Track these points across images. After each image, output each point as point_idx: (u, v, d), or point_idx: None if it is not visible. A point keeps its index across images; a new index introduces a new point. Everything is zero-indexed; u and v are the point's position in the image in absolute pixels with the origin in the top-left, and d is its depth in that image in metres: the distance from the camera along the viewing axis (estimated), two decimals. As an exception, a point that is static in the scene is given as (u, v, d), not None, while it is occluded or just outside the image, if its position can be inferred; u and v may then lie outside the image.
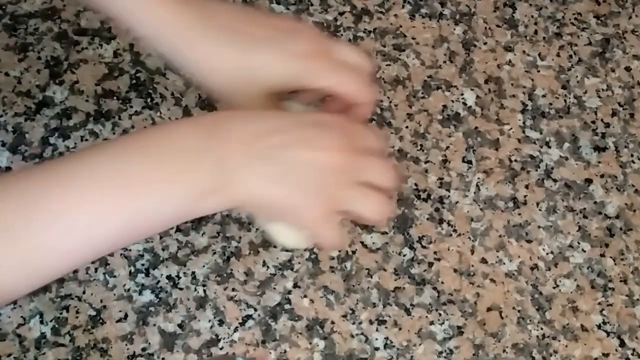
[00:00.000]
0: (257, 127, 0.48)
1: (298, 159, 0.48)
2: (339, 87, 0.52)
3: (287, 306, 0.65)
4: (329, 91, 0.52)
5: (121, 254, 0.65)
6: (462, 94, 0.77)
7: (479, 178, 0.73)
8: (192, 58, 0.51)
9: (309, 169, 0.48)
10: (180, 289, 0.65)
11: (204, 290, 0.65)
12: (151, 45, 0.53)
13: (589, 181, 0.75)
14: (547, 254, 0.71)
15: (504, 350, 0.66)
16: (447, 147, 0.74)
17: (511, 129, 0.76)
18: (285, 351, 0.64)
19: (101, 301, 0.63)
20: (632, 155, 0.77)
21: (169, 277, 0.65)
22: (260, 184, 0.48)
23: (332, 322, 0.65)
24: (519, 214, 0.72)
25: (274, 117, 0.49)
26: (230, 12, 0.52)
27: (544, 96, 0.78)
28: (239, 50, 0.51)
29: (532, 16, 0.83)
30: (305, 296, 0.66)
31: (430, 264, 0.69)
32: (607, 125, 0.78)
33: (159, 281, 0.65)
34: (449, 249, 0.70)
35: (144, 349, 0.62)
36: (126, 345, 0.62)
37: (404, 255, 0.69)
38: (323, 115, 0.51)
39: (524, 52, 0.81)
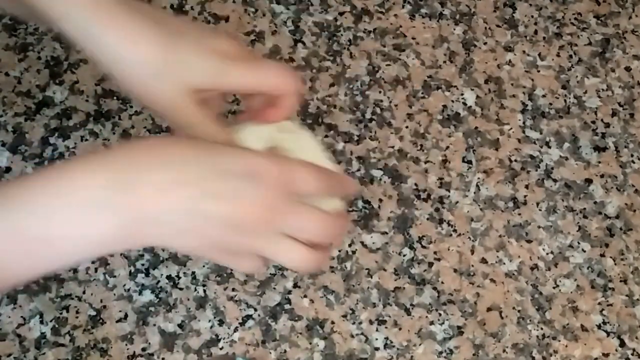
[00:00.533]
0: (168, 177, 0.45)
1: (208, 213, 0.46)
2: (263, 82, 0.50)
3: (287, 306, 0.65)
4: (253, 89, 0.51)
5: (121, 254, 0.65)
6: (462, 94, 0.77)
7: (479, 178, 0.73)
8: (117, 49, 0.50)
9: (218, 223, 0.46)
10: (180, 289, 0.65)
11: (204, 290, 0.65)
12: (75, 42, 0.50)
13: (589, 181, 0.75)
14: (547, 254, 0.71)
15: (504, 350, 0.66)
16: (447, 147, 0.74)
17: (511, 129, 0.76)
18: (285, 351, 0.64)
19: (101, 301, 0.63)
20: (632, 155, 0.77)
21: (169, 277, 0.65)
22: (165, 238, 0.46)
23: (332, 322, 0.65)
24: (519, 214, 0.72)
25: (193, 163, 0.47)
26: (156, 10, 0.51)
27: (544, 96, 0.78)
28: (165, 42, 0.49)
29: (532, 16, 0.83)
30: (305, 296, 0.66)
31: (430, 264, 0.69)
32: (607, 125, 0.78)
33: (159, 281, 0.65)
34: (449, 249, 0.70)
35: (144, 349, 0.62)
36: (126, 345, 0.62)
37: (404, 255, 0.69)
38: (258, 162, 0.47)
39: (524, 52, 0.81)
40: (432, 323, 0.66)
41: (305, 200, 0.49)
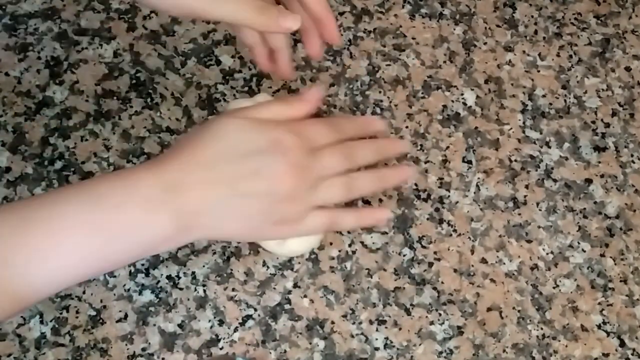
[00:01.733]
0: (203, 177, 0.51)
1: (247, 193, 0.52)
2: None
3: (287, 306, 0.65)
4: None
5: (121, 254, 0.65)
6: (462, 94, 0.77)
7: (479, 178, 0.73)
8: None
9: (260, 199, 0.52)
10: (180, 289, 0.65)
11: (204, 290, 0.65)
12: None
13: (589, 181, 0.75)
14: (547, 254, 0.71)
15: (504, 350, 0.66)
16: (447, 147, 0.74)
17: (511, 129, 0.76)
18: (285, 351, 0.64)
19: (101, 301, 0.63)
20: (632, 155, 0.77)
21: (169, 277, 0.65)
22: (217, 224, 0.53)
23: (332, 322, 0.65)
24: (519, 214, 0.72)
25: (221, 157, 0.52)
26: None
27: (544, 96, 0.78)
28: None
29: (532, 16, 0.83)
30: (305, 296, 0.66)
31: (430, 264, 0.69)
32: (607, 125, 0.78)
33: (159, 281, 0.65)
34: (449, 249, 0.70)
35: (144, 349, 0.62)
36: (126, 345, 0.62)
37: (404, 255, 0.69)
38: (275, 133, 0.53)
39: (524, 52, 0.81)
40: (432, 323, 0.66)
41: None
